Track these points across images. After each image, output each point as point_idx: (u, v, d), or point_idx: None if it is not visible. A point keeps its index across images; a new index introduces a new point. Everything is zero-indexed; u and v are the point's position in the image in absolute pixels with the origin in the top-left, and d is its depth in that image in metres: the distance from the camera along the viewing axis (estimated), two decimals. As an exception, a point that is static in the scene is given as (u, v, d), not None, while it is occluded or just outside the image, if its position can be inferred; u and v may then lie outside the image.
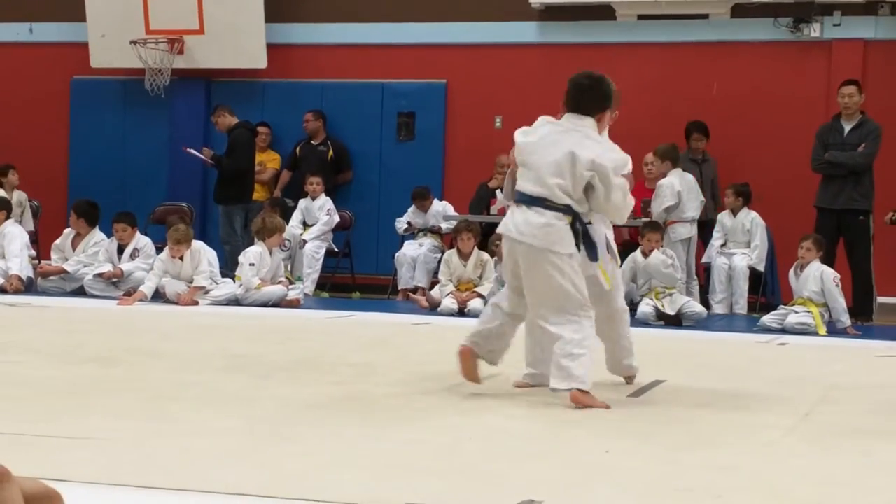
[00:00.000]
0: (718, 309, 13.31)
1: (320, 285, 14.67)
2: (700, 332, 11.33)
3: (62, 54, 16.78)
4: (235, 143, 14.54)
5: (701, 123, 14.23)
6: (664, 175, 13.58)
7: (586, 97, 6.62)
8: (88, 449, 4.67)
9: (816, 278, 11.64)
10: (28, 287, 13.36)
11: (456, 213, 14.31)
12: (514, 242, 6.43)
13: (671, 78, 14.93)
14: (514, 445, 5.10)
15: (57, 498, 0.66)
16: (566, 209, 6.36)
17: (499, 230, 6.66)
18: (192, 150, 14.69)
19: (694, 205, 13.53)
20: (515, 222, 6.44)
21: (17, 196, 15.22)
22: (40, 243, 15.15)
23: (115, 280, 13.15)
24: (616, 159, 6.47)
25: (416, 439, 5.16)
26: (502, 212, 13.92)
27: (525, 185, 6.46)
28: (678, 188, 13.38)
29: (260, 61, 15.90)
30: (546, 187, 6.37)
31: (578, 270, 6.36)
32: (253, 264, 12.62)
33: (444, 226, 14.44)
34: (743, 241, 13.58)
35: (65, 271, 13.41)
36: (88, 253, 13.49)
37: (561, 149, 6.40)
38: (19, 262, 13.39)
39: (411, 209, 14.73)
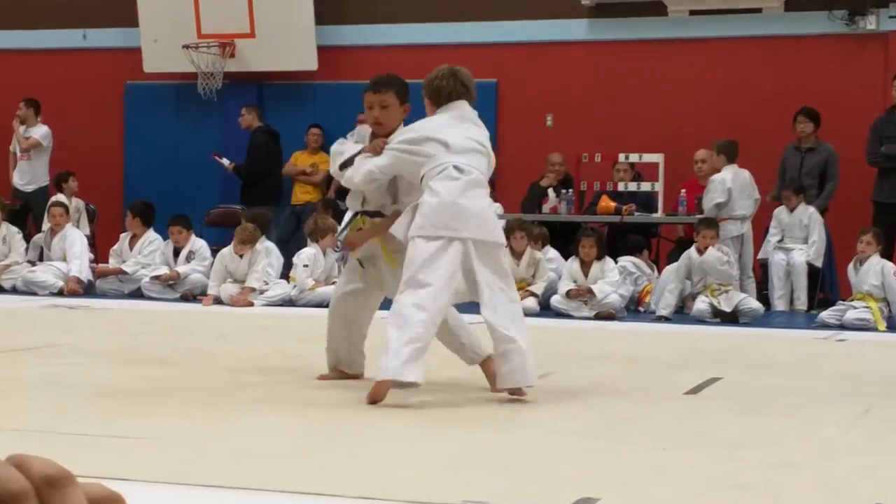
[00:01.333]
0: (778, 305, 13.20)
1: (376, 286, 14.69)
2: (757, 328, 11.26)
3: (115, 60, 16.93)
4: (252, 147, 14.96)
5: (810, 109, 13.81)
6: (718, 171, 13.48)
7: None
8: (148, 449, 4.71)
9: (877, 272, 11.53)
10: (87, 289, 13.50)
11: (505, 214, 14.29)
12: None
13: (724, 74, 14.84)
14: (570, 443, 5.08)
15: (119, 501, 0.67)
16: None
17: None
18: (217, 158, 14.99)
19: (746, 202, 13.41)
20: None
21: (76, 203, 15.37)
22: (97, 247, 15.29)
23: (171, 282, 13.26)
24: None
25: (471, 437, 5.16)
26: (554, 210, 13.93)
27: None
28: (729, 185, 13.28)
29: (311, 63, 15.96)
30: None
31: None
32: (307, 265, 12.68)
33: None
34: (800, 237, 13.44)
35: (123, 272, 13.54)
36: (145, 253, 13.62)
37: None
38: (79, 265, 13.55)
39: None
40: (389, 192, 6.69)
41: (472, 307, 6.61)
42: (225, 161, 15.10)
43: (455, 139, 6.43)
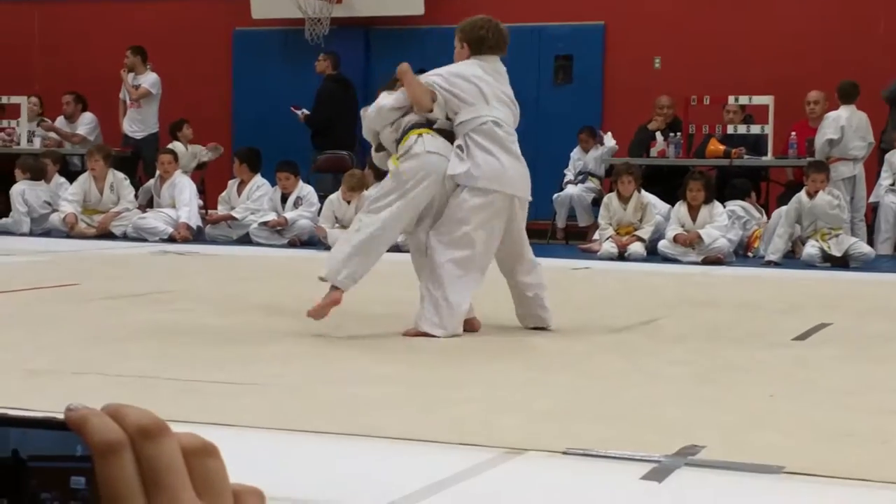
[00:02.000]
0: (882, 249, 12.96)
1: (479, 231, 14.72)
2: (867, 273, 11.07)
3: (224, 7, 17.06)
4: (318, 94, 14.96)
5: None
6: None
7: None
8: (254, 395, 4.78)
9: None
10: (196, 236, 13.70)
11: (613, 158, 14.20)
12: None
13: (835, 13, 14.52)
14: (676, 390, 5.05)
15: (214, 451, 0.68)
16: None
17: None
18: (294, 109, 15.06)
19: (859, 144, 13.14)
20: None
21: (193, 149, 15.57)
22: (207, 193, 15.48)
23: (279, 228, 13.40)
24: None
25: (576, 384, 5.15)
26: (662, 154, 13.79)
27: None
28: (843, 123, 13.01)
29: (417, 8, 15.93)
30: None
31: None
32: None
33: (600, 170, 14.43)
34: (914, 181, 13.17)
35: (233, 218, 13.72)
36: (253, 198, 13.77)
37: None
38: (188, 211, 13.74)
39: (577, 149, 14.72)
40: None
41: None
42: (300, 112, 15.14)
43: (491, 91, 6.64)
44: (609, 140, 14.21)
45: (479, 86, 6.62)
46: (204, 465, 0.73)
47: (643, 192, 13.04)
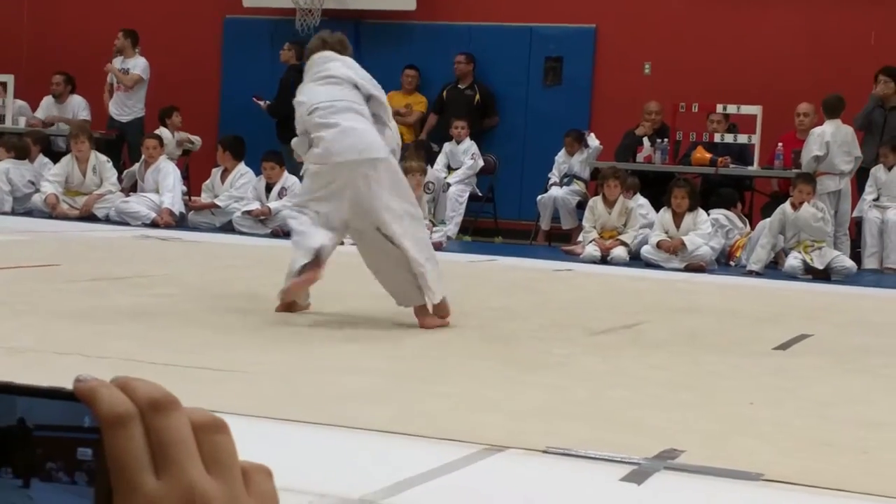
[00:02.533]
0: (869, 264, 13.00)
1: (463, 229, 14.73)
2: (849, 287, 11.11)
3: (215, -6, 17.01)
4: (280, 85, 14.85)
5: (890, 68, 13.53)
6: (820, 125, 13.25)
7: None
8: (235, 381, 4.77)
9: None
10: (179, 222, 13.67)
11: (599, 161, 14.21)
12: None
13: (825, 26, 14.56)
14: (656, 394, 5.06)
15: (223, 427, 0.67)
16: None
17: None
18: (256, 100, 15.01)
19: (845, 158, 13.17)
20: None
21: (179, 136, 15.53)
22: (191, 180, 15.45)
23: (262, 218, 13.38)
24: None
25: (557, 385, 5.15)
26: (648, 159, 13.81)
27: None
28: (828, 139, 13.03)
29: (409, 3, 15.92)
30: None
31: None
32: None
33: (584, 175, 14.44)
34: (897, 196, 13.21)
35: (216, 206, 13.69)
36: (236, 186, 13.74)
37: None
38: (171, 197, 13.71)
39: (562, 152, 14.72)
40: None
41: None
42: (262, 103, 15.09)
43: (306, 88, 7.06)
44: (593, 140, 14.22)
45: (299, 100, 7.00)
46: (213, 441, 0.72)
47: (639, 197, 13.06)
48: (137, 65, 15.65)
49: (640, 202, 13.02)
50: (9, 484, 0.67)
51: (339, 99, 6.85)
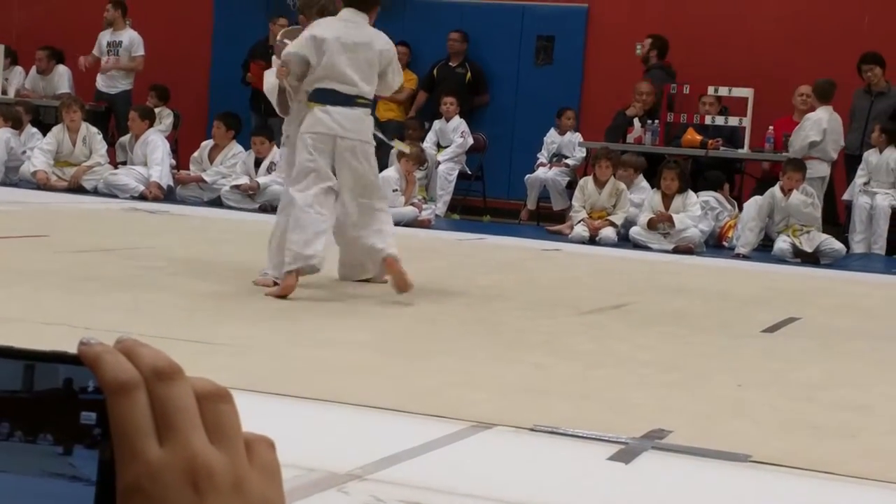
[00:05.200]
0: (858, 248, 13.02)
1: (451, 207, 14.70)
2: (837, 270, 11.12)
3: (207, -34, 16.93)
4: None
5: (875, 54, 13.60)
6: (814, 109, 13.24)
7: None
8: (224, 355, 4.76)
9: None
10: (167, 195, 13.63)
11: (589, 142, 14.20)
12: (339, 139, 6.84)
13: (818, 9, 14.55)
14: (644, 374, 5.06)
15: (227, 396, 0.67)
16: (368, 103, 7.06)
17: (321, 130, 6.84)
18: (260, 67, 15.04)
19: (834, 146, 13.17)
20: (337, 121, 6.83)
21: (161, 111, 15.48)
22: (179, 153, 15.39)
23: (251, 193, 13.34)
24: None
25: (544, 363, 5.15)
26: (639, 140, 13.80)
27: (334, 84, 6.85)
28: (824, 125, 13.02)
29: (402, -21, 15.86)
30: (356, 86, 6.89)
31: None
32: (396, 190, 12.67)
33: (573, 161, 14.41)
34: (887, 181, 13.19)
35: (202, 180, 13.65)
36: (227, 164, 13.71)
37: (365, 47, 7.00)
38: (160, 170, 13.66)
39: (551, 131, 14.70)
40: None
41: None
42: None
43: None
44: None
45: None
46: (216, 410, 0.72)
47: (642, 179, 13.04)
48: (133, 41, 15.55)
49: (643, 185, 12.99)
50: (48, 451, 0.67)
51: None
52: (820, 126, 12.98)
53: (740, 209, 12.85)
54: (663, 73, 13.52)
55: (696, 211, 12.09)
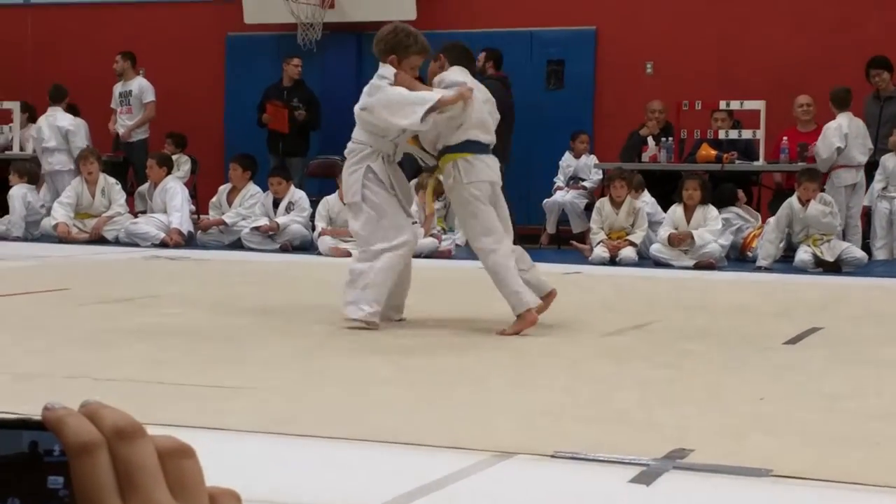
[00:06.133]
0: (879, 255, 12.96)
1: (472, 236, 14.70)
2: (860, 278, 11.07)
3: (217, 12, 17.05)
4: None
5: (882, 59, 13.61)
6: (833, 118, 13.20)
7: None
8: (245, 398, 4.77)
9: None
10: (188, 241, 13.69)
11: (604, 164, 14.21)
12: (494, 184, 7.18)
13: (828, 19, 14.54)
14: (666, 392, 5.06)
15: (189, 452, 0.68)
16: None
17: (484, 178, 7.11)
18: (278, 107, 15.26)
19: (861, 150, 13.10)
20: (492, 167, 7.21)
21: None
22: (199, 198, 15.47)
23: (271, 233, 13.39)
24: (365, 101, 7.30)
25: (566, 387, 5.15)
26: (654, 159, 13.80)
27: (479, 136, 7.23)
28: (845, 131, 12.97)
29: (409, 13, 15.92)
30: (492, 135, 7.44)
31: None
32: (416, 222, 12.69)
33: (589, 183, 14.45)
34: (905, 187, 13.15)
35: (223, 223, 13.72)
36: (246, 205, 13.77)
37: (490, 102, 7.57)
38: (180, 217, 13.73)
39: (567, 154, 14.73)
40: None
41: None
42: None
43: None
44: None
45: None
46: (179, 466, 0.73)
47: (646, 194, 13.04)
48: (143, 89, 15.66)
49: (646, 198, 12.99)
50: None
51: None
52: (841, 132, 12.91)
53: (762, 220, 12.82)
54: (499, 83, 13.59)
55: (716, 225, 12.07)
